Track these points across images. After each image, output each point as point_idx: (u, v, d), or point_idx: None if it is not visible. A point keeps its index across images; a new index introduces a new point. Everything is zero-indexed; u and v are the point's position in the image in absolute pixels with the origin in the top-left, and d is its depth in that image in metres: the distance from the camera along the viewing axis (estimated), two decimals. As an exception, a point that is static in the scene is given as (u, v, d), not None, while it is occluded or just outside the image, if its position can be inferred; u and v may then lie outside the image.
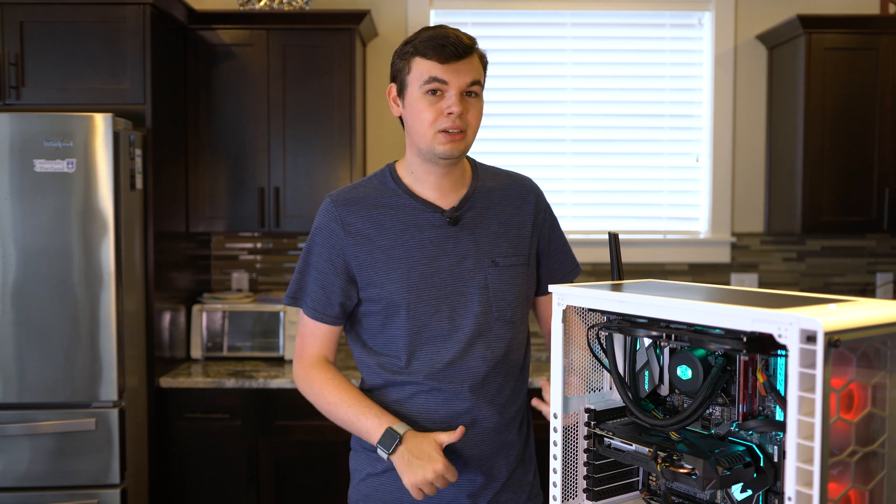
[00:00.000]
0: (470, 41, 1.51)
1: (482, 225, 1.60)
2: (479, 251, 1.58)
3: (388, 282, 1.55)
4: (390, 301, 1.55)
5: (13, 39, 2.73)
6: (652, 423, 1.06)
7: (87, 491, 2.56)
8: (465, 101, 1.51)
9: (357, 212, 1.59)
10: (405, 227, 1.57)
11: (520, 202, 1.65)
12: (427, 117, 1.51)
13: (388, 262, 1.56)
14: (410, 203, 1.59)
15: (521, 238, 1.63)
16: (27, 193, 2.53)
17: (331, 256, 1.58)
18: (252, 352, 3.16)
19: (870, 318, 0.86)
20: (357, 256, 1.57)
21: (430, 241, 1.57)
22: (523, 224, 1.64)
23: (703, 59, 3.49)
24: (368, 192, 1.61)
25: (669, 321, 1.02)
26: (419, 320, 1.55)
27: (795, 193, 3.17)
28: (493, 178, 1.67)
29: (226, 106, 3.12)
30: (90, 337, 2.56)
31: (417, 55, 1.50)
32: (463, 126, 1.51)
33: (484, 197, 1.63)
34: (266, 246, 3.47)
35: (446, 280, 1.56)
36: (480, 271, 1.57)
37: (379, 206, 1.59)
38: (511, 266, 1.60)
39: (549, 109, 3.49)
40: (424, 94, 1.50)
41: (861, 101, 3.12)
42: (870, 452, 0.89)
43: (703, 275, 3.49)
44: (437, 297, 1.55)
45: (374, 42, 3.42)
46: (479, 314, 1.56)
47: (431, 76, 1.49)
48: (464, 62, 1.49)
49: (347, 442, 1.72)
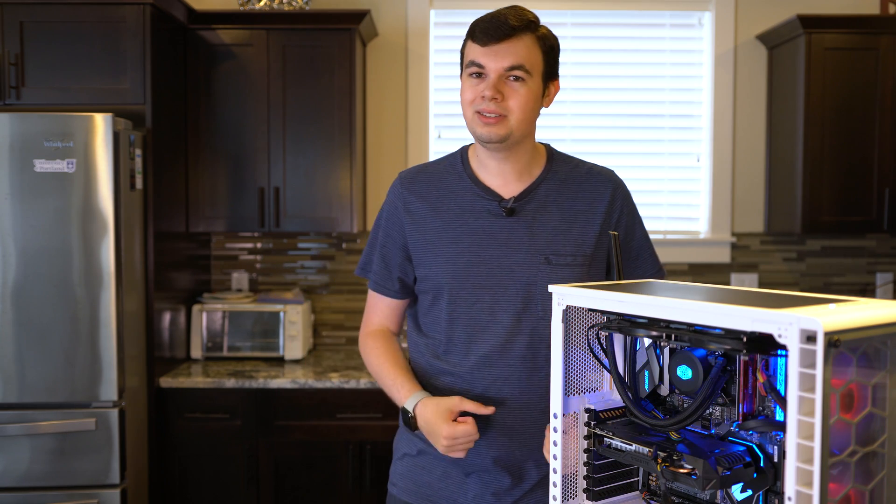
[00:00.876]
0: (518, 21, 1.45)
1: (542, 218, 1.54)
2: (533, 245, 1.52)
3: (434, 264, 1.55)
4: (435, 283, 1.55)
5: (13, 39, 2.73)
6: (652, 423, 1.06)
7: (87, 491, 2.56)
8: (506, 85, 1.47)
9: (420, 191, 1.59)
10: (461, 211, 1.55)
11: (593, 198, 1.58)
12: (467, 97, 1.50)
13: (438, 244, 1.55)
14: (471, 188, 1.57)
15: (585, 236, 1.55)
16: (27, 193, 2.53)
17: (391, 232, 1.61)
18: (252, 352, 3.16)
19: (870, 318, 0.86)
20: (413, 235, 1.58)
21: (483, 229, 1.54)
22: (591, 221, 1.56)
23: (703, 59, 3.49)
24: (436, 172, 1.61)
25: (669, 321, 1.02)
26: (458, 307, 1.53)
27: (795, 193, 3.17)
28: (570, 170, 1.61)
29: (226, 106, 3.12)
30: (90, 337, 2.56)
31: (469, 37, 1.49)
32: (500, 111, 1.46)
33: (553, 189, 1.57)
34: (266, 246, 3.47)
35: (492, 270, 1.52)
36: (530, 266, 1.51)
37: (442, 187, 1.58)
38: (566, 265, 1.52)
39: (550, 109, 3.47)
40: (468, 76, 1.49)
41: (861, 100, 3.12)
42: (870, 452, 0.89)
43: (703, 275, 3.49)
44: (480, 287, 1.52)
45: (374, 42, 3.42)
46: (520, 310, 1.51)
47: (471, 59, 1.48)
48: (505, 44, 1.45)
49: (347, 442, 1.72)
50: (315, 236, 3.46)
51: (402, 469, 1.64)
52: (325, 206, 3.12)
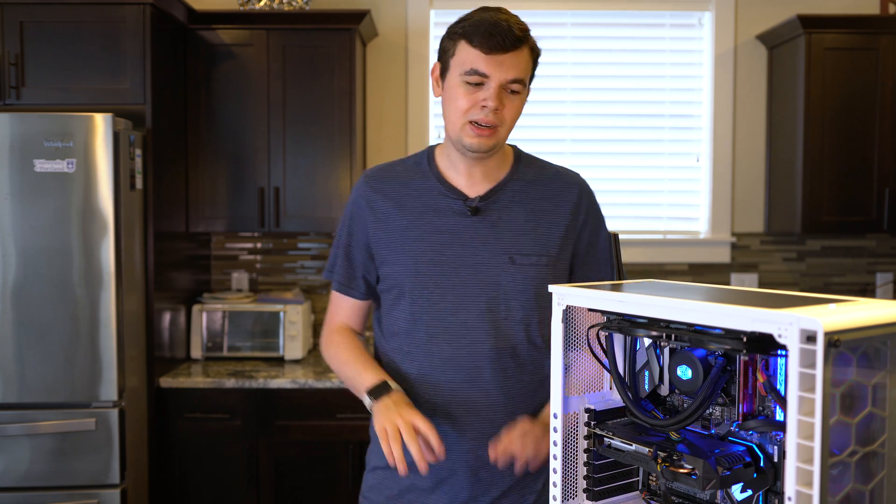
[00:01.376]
0: (522, 33, 1.43)
1: (507, 218, 1.52)
2: (498, 245, 1.50)
3: (397, 262, 1.53)
4: (397, 282, 1.53)
5: (13, 39, 2.73)
6: (652, 423, 1.06)
7: (87, 491, 2.56)
8: (505, 96, 1.44)
9: (384, 189, 1.57)
10: (426, 210, 1.53)
11: (559, 199, 1.56)
12: (461, 105, 1.44)
13: (401, 242, 1.53)
14: (436, 187, 1.55)
15: (550, 237, 1.53)
16: (27, 193, 2.53)
17: (355, 231, 1.59)
18: (252, 352, 3.16)
19: (870, 318, 0.86)
20: (376, 233, 1.56)
21: (447, 228, 1.52)
22: (556, 223, 1.54)
23: (703, 59, 3.49)
24: (401, 171, 1.60)
25: (669, 321, 1.02)
26: (421, 307, 1.51)
27: (795, 193, 3.17)
28: (537, 171, 1.59)
29: (226, 106, 3.12)
30: (90, 337, 2.56)
31: (464, 39, 1.43)
32: (496, 122, 1.44)
33: (518, 189, 1.55)
34: (266, 246, 3.47)
35: (456, 270, 1.50)
36: (494, 266, 1.50)
37: (407, 186, 1.56)
38: (531, 265, 1.50)
39: (549, 109, 3.49)
40: (463, 82, 1.43)
41: (861, 100, 3.12)
42: (870, 452, 0.89)
43: (703, 275, 3.49)
44: (443, 287, 1.50)
45: (374, 42, 3.42)
46: (484, 310, 1.49)
47: (473, 68, 1.42)
48: (511, 55, 1.42)
49: (347, 442, 1.72)
50: (315, 236, 3.46)
51: (372, 481, 1.62)
52: (325, 206, 3.12)
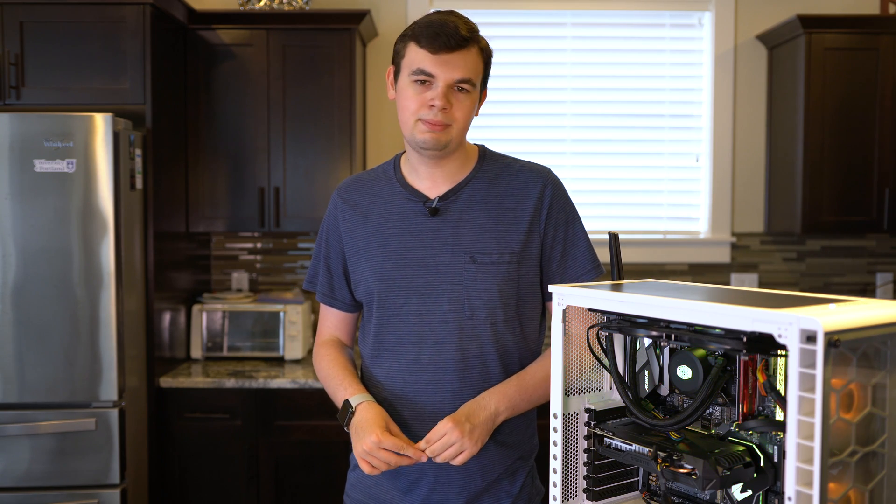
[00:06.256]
0: (468, 33, 1.43)
1: (467, 218, 1.51)
2: (458, 245, 1.50)
3: (365, 269, 1.55)
4: (367, 288, 1.55)
5: (13, 39, 2.73)
6: (652, 423, 1.06)
7: (87, 491, 2.56)
8: (453, 95, 1.44)
9: (353, 200, 1.60)
10: (389, 215, 1.55)
11: (521, 195, 1.54)
12: (411, 105, 1.45)
13: (367, 249, 1.55)
14: (400, 191, 1.56)
15: (512, 234, 1.51)
16: (27, 193, 2.53)
17: (332, 243, 1.62)
18: (252, 352, 3.16)
19: (870, 318, 0.86)
20: (348, 242, 1.59)
21: (409, 231, 1.52)
22: (518, 219, 1.52)
23: (703, 59, 3.49)
24: (369, 179, 1.62)
25: (669, 321, 1.02)
26: (388, 311, 1.52)
27: (795, 193, 3.17)
28: (501, 169, 1.57)
29: (226, 106, 3.12)
30: (90, 337, 2.56)
31: (413, 40, 1.44)
32: (446, 121, 1.44)
33: (480, 188, 1.54)
34: (266, 246, 3.47)
35: (419, 272, 1.50)
36: (456, 266, 1.49)
37: (373, 194, 1.58)
38: (493, 264, 1.49)
39: (549, 109, 3.49)
40: (412, 83, 1.45)
41: (861, 100, 3.12)
42: (870, 452, 0.89)
43: (703, 275, 3.49)
44: (407, 290, 1.50)
45: (374, 42, 3.42)
46: (447, 311, 1.49)
47: (419, 68, 1.43)
48: (457, 55, 1.42)
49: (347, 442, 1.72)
50: (315, 236, 3.46)
51: (353, 480, 1.64)
52: (324, 206, 3.11)
